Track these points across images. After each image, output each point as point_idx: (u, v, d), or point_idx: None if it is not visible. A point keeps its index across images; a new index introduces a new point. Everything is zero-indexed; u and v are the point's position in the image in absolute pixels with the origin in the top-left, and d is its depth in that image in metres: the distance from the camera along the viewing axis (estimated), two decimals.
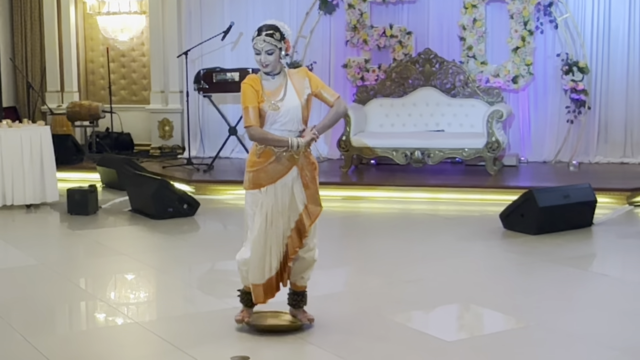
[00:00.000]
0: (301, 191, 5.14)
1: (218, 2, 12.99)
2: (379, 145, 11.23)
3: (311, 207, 5.17)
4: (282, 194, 5.11)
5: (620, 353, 4.97)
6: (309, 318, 5.33)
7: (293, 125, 5.09)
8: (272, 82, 5.13)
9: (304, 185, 5.14)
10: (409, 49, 12.10)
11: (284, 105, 5.06)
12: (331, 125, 5.34)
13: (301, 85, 5.14)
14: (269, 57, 5.04)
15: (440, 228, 8.72)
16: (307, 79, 5.18)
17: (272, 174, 5.10)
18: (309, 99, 5.17)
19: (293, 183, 5.12)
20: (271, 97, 5.07)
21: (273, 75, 5.13)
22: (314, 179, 5.19)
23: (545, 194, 8.29)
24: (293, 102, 5.09)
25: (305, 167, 5.15)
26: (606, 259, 7.68)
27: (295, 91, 5.12)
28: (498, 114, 10.87)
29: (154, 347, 5.23)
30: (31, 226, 9.25)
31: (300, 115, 5.10)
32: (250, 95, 5.06)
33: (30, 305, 6.12)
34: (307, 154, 5.15)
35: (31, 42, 14.93)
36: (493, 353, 4.97)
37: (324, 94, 5.19)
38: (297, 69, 5.32)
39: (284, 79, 5.15)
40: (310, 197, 5.16)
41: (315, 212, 5.18)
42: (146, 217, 9.22)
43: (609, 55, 11.67)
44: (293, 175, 5.12)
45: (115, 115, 13.72)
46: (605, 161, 11.71)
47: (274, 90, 5.10)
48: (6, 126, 9.88)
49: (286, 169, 5.10)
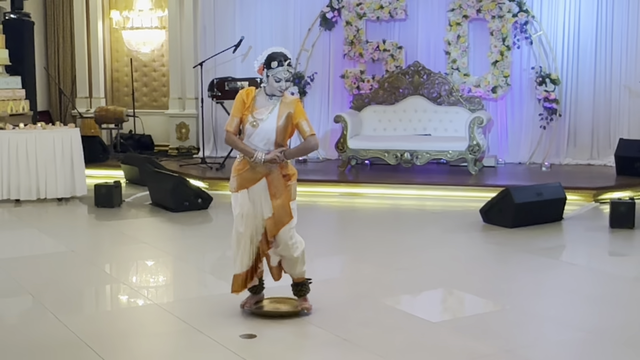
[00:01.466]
0: (267, 201, 5.07)
1: (230, 19, 12.97)
2: (373, 147, 11.22)
3: (278, 217, 5.07)
4: (253, 200, 5.09)
5: (586, 334, 4.96)
6: (305, 307, 5.27)
7: (265, 144, 5.02)
8: (266, 102, 5.06)
9: (271, 195, 5.06)
10: (400, 62, 12.09)
11: (261, 127, 5.00)
12: (298, 155, 5.35)
13: (284, 112, 5.03)
14: (288, 83, 5.02)
15: (427, 221, 8.71)
16: (294, 109, 5.05)
17: (246, 181, 5.09)
18: (288, 126, 5.04)
19: (262, 192, 5.07)
20: (257, 113, 5.02)
21: (271, 97, 5.06)
22: (285, 191, 5.07)
23: (520, 191, 8.28)
24: (270, 124, 5.01)
25: (276, 179, 5.05)
26: (574, 249, 7.67)
27: (277, 116, 5.03)
28: (479, 120, 10.86)
29: (171, 326, 5.23)
30: (62, 217, 9.22)
31: (273, 138, 5.01)
32: (238, 107, 5.07)
33: (61, 288, 6.12)
34: (281, 167, 5.05)
35: (63, 54, 14.91)
36: (473, 332, 4.97)
37: (303, 126, 5.04)
38: (291, 97, 5.16)
39: (277, 102, 5.07)
40: (278, 207, 5.05)
41: (283, 222, 5.07)
42: (165, 210, 9.21)
43: (578, 68, 11.65)
44: (262, 185, 5.06)
45: (138, 119, 13.72)
46: (574, 163, 11.69)
47: (263, 110, 5.03)
48: (40, 128, 9.87)
49: (257, 179, 5.06)
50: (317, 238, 7.73)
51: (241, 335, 4.90)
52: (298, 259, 5.21)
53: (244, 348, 4.69)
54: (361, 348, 4.70)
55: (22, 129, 9.78)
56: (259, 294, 5.39)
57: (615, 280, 6.30)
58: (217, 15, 13.06)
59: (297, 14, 12.69)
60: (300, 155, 5.28)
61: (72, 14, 14.62)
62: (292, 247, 5.16)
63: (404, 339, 4.87)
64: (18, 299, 5.86)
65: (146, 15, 14.22)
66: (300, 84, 12.44)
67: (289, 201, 5.10)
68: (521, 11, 11.45)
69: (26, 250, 7.45)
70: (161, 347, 4.89)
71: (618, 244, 7.70)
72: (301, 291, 5.32)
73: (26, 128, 9.84)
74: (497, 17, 11.52)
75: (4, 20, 12.03)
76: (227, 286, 5.38)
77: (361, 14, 12.17)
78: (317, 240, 7.63)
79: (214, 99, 12.06)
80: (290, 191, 5.12)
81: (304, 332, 5.03)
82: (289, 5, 12.70)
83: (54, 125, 10.28)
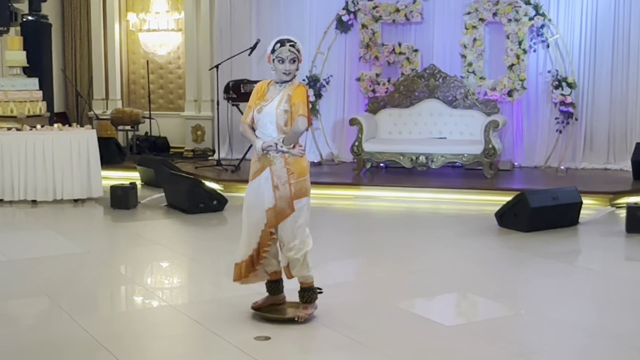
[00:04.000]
0: (270, 191, 5.02)
1: (246, 22, 13.00)
2: (388, 150, 11.21)
3: (279, 208, 5.01)
4: (257, 190, 5.08)
5: (602, 339, 4.94)
6: (299, 314, 5.14)
7: (267, 129, 4.99)
8: (277, 90, 5.04)
9: (273, 186, 5.01)
10: (416, 65, 12.08)
11: (264, 111, 5.00)
12: (290, 140, 4.96)
13: (285, 96, 4.98)
14: (291, 65, 4.97)
15: (442, 225, 8.70)
16: (293, 91, 4.97)
17: (253, 171, 5.12)
18: (290, 110, 4.96)
19: (264, 182, 5.04)
20: (263, 102, 5.02)
21: (280, 84, 5.03)
22: (287, 183, 5.00)
23: (536, 195, 8.25)
24: (271, 108, 4.98)
25: (279, 170, 5.00)
26: (590, 254, 7.64)
27: (279, 100, 4.99)
28: (494, 123, 10.84)
29: (186, 327, 5.24)
30: (78, 218, 9.27)
31: (274, 123, 4.96)
32: (252, 97, 5.10)
33: (77, 288, 6.16)
34: (286, 161, 4.99)
35: (80, 55, 15.00)
36: (487, 337, 4.96)
37: (295, 107, 4.93)
38: (297, 82, 5.08)
39: (284, 89, 5.03)
40: (280, 198, 5.00)
41: (283, 214, 5.00)
42: (180, 211, 9.23)
43: (594, 72, 11.60)
44: (265, 175, 5.03)
45: (154, 121, 13.76)
46: (590, 167, 11.64)
47: (271, 97, 5.02)
48: (57, 129, 9.93)
49: (262, 169, 5.05)
50: (331, 241, 7.74)
51: (255, 337, 4.91)
52: (298, 261, 5.08)
53: (258, 350, 4.70)
54: (375, 351, 4.70)
55: (39, 130, 9.85)
56: (276, 295, 5.34)
57: (632, 286, 6.26)
58: (233, 17, 13.10)
59: (313, 17, 12.71)
60: (293, 138, 4.96)
61: (89, 16, 14.70)
62: (294, 248, 5.06)
63: (418, 343, 4.87)
64: (34, 300, 5.89)
65: (162, 18, 14.28)
66: (316, 87, 12.46)
67: (291, 196, 5.01)
68: (538, 14, 11.42)
69: (42, 251, 7.49)
70: (175, 348, 4.91)
71: (634, 249, 7.65)
72: (304, 297, 5.20)
73: (43, 129, 9.90)
74: (514, 21, 11.50)
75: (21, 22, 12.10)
76: (242, 288, 5.40)
77: (377, 16, 12.18)
78: (331, 243, 7.65)
79: (229, 101, 12.10)
80: (295, 187, 5.01)
81: (318, 334, 5.03)
82: (305, 8, 12.72)
83: (71, 127, 10.33)
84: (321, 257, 7.14)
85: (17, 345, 4.87)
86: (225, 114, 12.65)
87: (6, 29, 11.75)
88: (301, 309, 5.20)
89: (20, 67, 10.51)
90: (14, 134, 9.74)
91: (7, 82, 10.38)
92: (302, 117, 4.93)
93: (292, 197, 5.02)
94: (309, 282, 5.20)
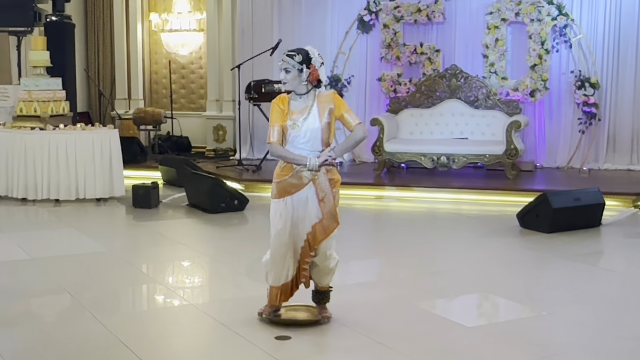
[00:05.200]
0: (316, 206, 4.94)
1: (267, 22, 13.02)
2: (409, 151, 11.19)
3: (326, 222, 4.96)
4: (298, 206, 4.96)
5: (625, 341, 4.90)
6: (326, 315, 5.17)
7: (312, 145, 4.90)
8: (299, 102, 4.95)
9: (319, 200, 4.94)
10: (437, 65, 12.05)
11: (304, 126, 4.88)
12: (349, 149, 5.16)
13: (325, 109, 4.91)
14: (286, 75, 4.90)
15: (463, 226, 8.67)
16: (333, 103, 4.93)
17: (291, 187, 4.95)
18: (332, 122, 4.93)
19: (308, 197, 4.95)
20: (295, 117, 4.90)
21: (300, 96, 4.95)
22: (332, 195, 4.97)
23: (558, 196, 8.20)
24: (314, 123, 4.88)
25: (323, 183, 4.94)
26: (613, 256, 7.58)
27: (319, 113, 4.90)
28: (516, 124, 10.79)
29: (206, 326, 5.26)
30: (100, 217, 9.33)
31: (319, 137, 4.89)
32: (275, 115, 4.93)
33: (99, 287, 6.19)
34: (327, 170, 4.96)
35: (103, 56, 15.08)
36: (508, 338, 4.93)
37: (346, 117, 4.94)
38: (327, 92, 5.01)
39: (311, 100, 4.94)
40: (327, 212, 4.95)
41: (331, 228, 4.97)
42: (201, 211, 9.26)
43: (618, 72, 11.52)
44: (310, 191, 4.94)
45: (176, 121, 13.82)
46: (613, 168, 11.55)
47: (300, 110, 4.92)
48: (80, 129, 10.00)
49: (303, 184, 4.94)
50: (353, 241, 7.73)
51: (276, 336, 4.91)
52: (332, 271, 5.12)
53: (279, 349, 4.71)
54: (395, 352, 4.69)
55: (62, 129, 9.92)
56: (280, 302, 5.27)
57: None
58: (255, 17, 13.12)
59: (335, 17, 12.71)
60: (350, 148, 5.13)
61: (112, 17, 14.79)
62: (330, 257, 5.07)
63: (438, 344, 4.86)
64: (57, 298, 5.94)
65: (185, 18, 14.33)
66: (338, 87, 12.45)
67: (336, 207, 5.00)
68: (560, 14, 11.35)
69: (65, 250, 7.53)
70: (196, 347, 4.92)
71: None
72: (323, 299, 5.21)
73: (66, 129, 9.97)
74: (536, 21, 11.43)
75: (45, 22, 12.19)
76: (263, 288, 5.41)
77: (399, 17, 12.15)
78: (353, 243, 7.64)
79: (251, 101, 12.12)
80: (336, 197, 5.03)
81: (338, 334, 5.03)
82: (327, 8, 12.72)
83: (93, 127, 10.39)
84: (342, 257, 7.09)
85: (39, 343, 4.91)
86: (246, 114, 12.68)
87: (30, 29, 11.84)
88: (322, 309, 5.21)
89: (43, 67, 10.57)
90: (38, 134, 9.82)
91: (31, 82, 10.45)
92: (362, 126, 4.97)
93: (335, 207, 4.99)
94: (328, 285, 5.22)
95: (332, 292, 5.25)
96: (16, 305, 5.70)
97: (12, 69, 13.36)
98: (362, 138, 5.00)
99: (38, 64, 10.52)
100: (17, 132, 9.94)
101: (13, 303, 5.75)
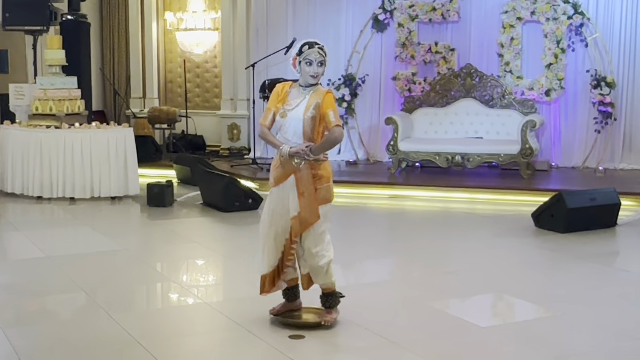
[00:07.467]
0: (295, 199, 4.89)
1: (282, 21, 13.03)
2: (423, 150, 11.17)
3: (304, 215, 4.87)
4: (282, 197, 4.95)
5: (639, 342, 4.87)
6: (326, 319, 5.05)
7: (292, 136, 4.84)
8: (300, 93, 4.92)
9: (299, 193, 4.88)
10: (452, 64, 12.03)
11: (290, 115, 4.86)
12: (324, 149, 4.85)
13: (313, 102, 4.84)
14: (319, 68, 4.87)
15: (477, 225, 8.64)
16: (322, 98, 4.83)
17: (277, 178, 4.96)
18: (317, 117, 4.83)
19: (289, 189, 4.91)
20: (287, 106, 4.89)
21: (305, 87, 4.93)
22: (312, 190, 4.87)
23: (573, 196, 8.17)
24: (297, 114, 4.85)
25: (305, 177, 4.86)
26: (629, 256, 7.54)
27: (306, 106, 4.84)
28: (532, 123, 10.75)
29: (220, 325, 5.27)
30: (115, 216, 9.36)
31: (300, 129, 4.83)
32: (272, 99, 4.98)
33: (113, 285, 6.22)
34: (311, 165, 4.86)
35: (118, 55, 15.15)
36: (522, 339, 4.92)
37: (329, 115, 4.78)
38: (324, 88, 4.95)
39: (309, 94, 4.91)
40: (305, 206, 4.87)
41: (309, 221, 4.87)
42: (216, 209, 9.28)
43: (634, 71, 11.45)
44: (290, 182, 4.90)
45: (190, 120, 13.86)
46: (629, 168, 11.49)
47: (295, 101, 4.90)
48: (95, 128, 10.05)
49: (286, 175, 4.91)
50: (366, 240, 7.73)
51: (289, 335, 4.92)
52: (321, 269, 4.98)
53: (292, 348, 4.72)
54: (409, 351, 4.69)
55: (78, 128, 9.97)
56: (293, 301, 5.25)
57: None
58: (270, 16, 13.13)
59: (350, 16, 12.70)
60: (325, 149, 4.85)
61: (127, 16, 14.85)
62: (316, 255, 4.95)
63: (452, 344, 4.85)
64: (72, 296, 5.97)
65: (199, 17, 14.37)
66: (352, 86, 12.45)
67: (317, 202, 4.90)
68: (576, 13, 11.29)
69: (80, 248, 7.58)
70: (210, 345, 4.94)
71: None
72: (327, 302, 5.12)
73: (81, 127, 10.02)
74: (552, 20, 11.38)
75: (61, 21, 12.25)
76: None
77: (413, 15, 12.13)
78: (366, 242, 7.64)
79: (265, 100, 12.12)
80: (320, 193, 4.92)
81: (352, 333, 5.02)
82: (342, 7, 12.72)
83: (109, 125, 10.44)
84: (356, 256, 7.15)
85: (54, 340, 4.93)
86: (260, 113, 12.65)
87: (46, 28, 11.90)
88: (325, 313, 5.13)
89: (59, 66, 10.63)
90: (53, 132, 9.88)
91: (47, 80, 10.51)
92: (339, 128, 4.82)
93: (317, 203, 4.90)
94: (332, 287, 5.11)
95: (341, 297, 5.14)
96: (31, 303, 5.74)
97: (28, 68, 13.44)
98: (336, 139, 4.83)
99: (54, 63, 10.58)
100: (32, 131, 10.00)
101: (28, 301, 5.79)
